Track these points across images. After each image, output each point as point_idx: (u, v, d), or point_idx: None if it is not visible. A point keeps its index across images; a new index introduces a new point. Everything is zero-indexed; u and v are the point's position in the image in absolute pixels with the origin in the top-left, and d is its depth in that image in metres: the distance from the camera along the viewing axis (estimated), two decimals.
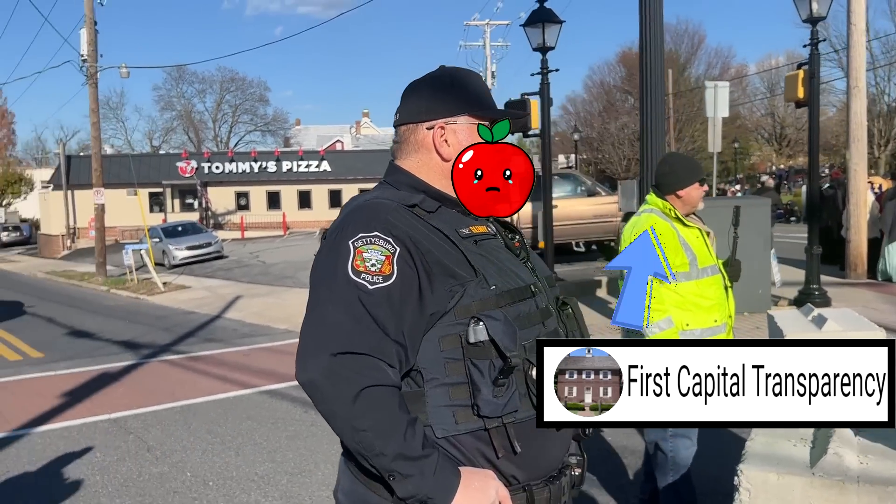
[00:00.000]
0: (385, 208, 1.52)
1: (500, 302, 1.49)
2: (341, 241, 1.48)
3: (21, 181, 42.21)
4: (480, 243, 1.55)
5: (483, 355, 1.45)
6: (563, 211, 14.33)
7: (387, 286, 1.42)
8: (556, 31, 9.44)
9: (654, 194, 3.55)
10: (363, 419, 1.36)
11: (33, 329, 12.55)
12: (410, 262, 1.46)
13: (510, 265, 1.57)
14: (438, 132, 1.62)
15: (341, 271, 1.44)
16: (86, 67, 20.87)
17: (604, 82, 48.59)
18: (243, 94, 60.80)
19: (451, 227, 1.54)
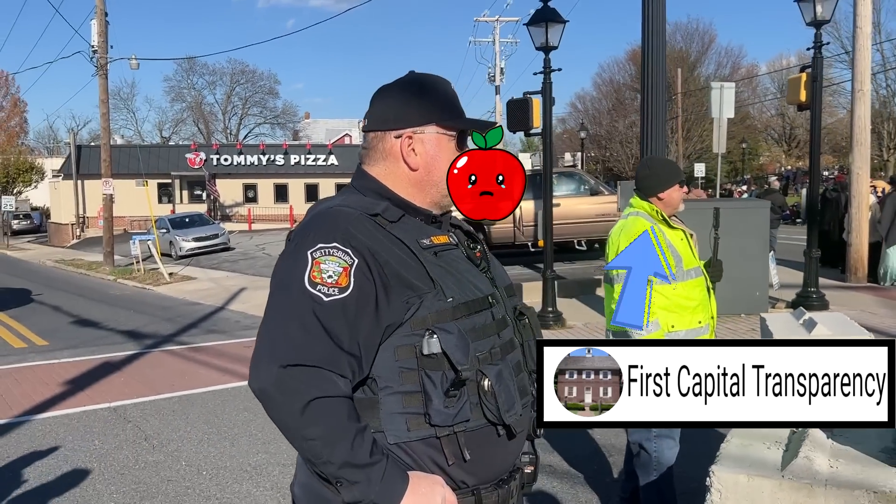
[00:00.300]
0: (347, 218, 1.56)
1: (456, 314, 1.53)
2: (301, 249, 1.52)
3: (32, 170, 42.54)
4: (440, 254, 1.59)
5: (436, 366, 1.49)
6: (566, 209, 14.35)
7: (342, 298, 1.46)
8: (559, 30, 9.47)
9: (637, 197, 3.62)
10: (311, 429, 1.42)
11: (40, 317, 12.71)
12: (368, 274, 1.49)
13: (469, 276, 1.61)
14: (406, 142, 1.65)
15: (298, 281, 1.48)
16: (96, 58, 21.02)
17: (613, 80, 48.52)
18: (253, 86, 60.96)
19: (413, 237, 1.57)
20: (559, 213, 13.81)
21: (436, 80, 1.72)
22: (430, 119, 1.66)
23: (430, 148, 1.66)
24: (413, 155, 1.65)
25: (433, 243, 1.60)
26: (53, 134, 66.07)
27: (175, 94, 60.62)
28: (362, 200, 1.63)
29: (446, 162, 1.66)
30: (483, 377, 1.53)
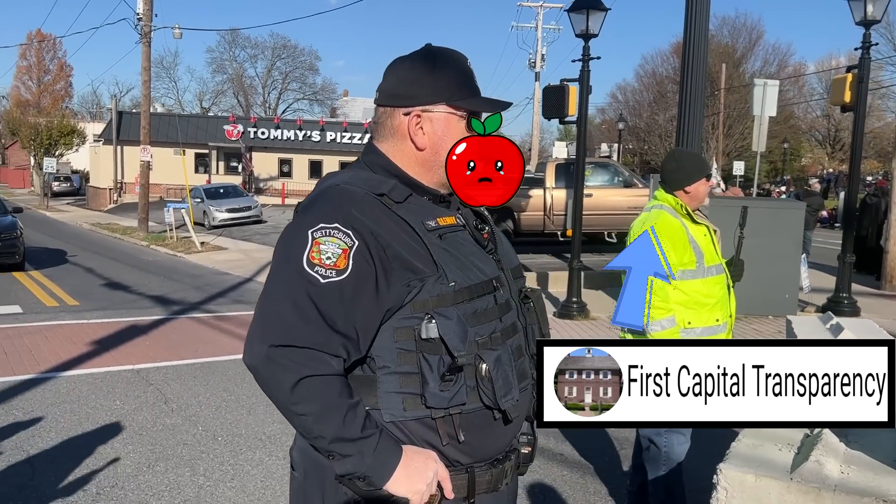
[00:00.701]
0: (351, 197, 1.55)
1: (458, 298, 1.52)
2: (302, 227, 1.52)
3: (74, 133, 43.29)
4: (445, 236, 1.57)
5: (434, 350, 1.50)
6: (598, 200, 14.23)
7: (339, 280, 1.46)
8: (600, 18, 9.33)
9: (662, 190, 3.56)
10: (301, 405, 1.45)
11: (73, 277, 12.99)
12: (368, 257, 1.49)
13: (474, 259, 1.59)
14: (414, 120, 1.61)
15: (296, 261, 1.48)
16: (140, 26, 21.27)
17: (656, 72, 47.82)
18: (294, 61, 61.27)
19: (418, 218, 1.56)
20: (591, 204, 13.70)
21: (451, 54, 1.68)
22: (441, 97, 1.62)
23: (438, 128, 1.62)
24: (421, 134, 1.63)
25: (439, 225, 1.59)
26: (97, 99, 67.12)
27: (217, 66, 61.20)
28: (370, 178, 1.62)
29: (454, 143, 1.64)
30: (481, 362, 1.53)
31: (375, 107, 1.71)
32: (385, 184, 1.59)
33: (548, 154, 43.58)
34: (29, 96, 50.58)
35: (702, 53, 7.81)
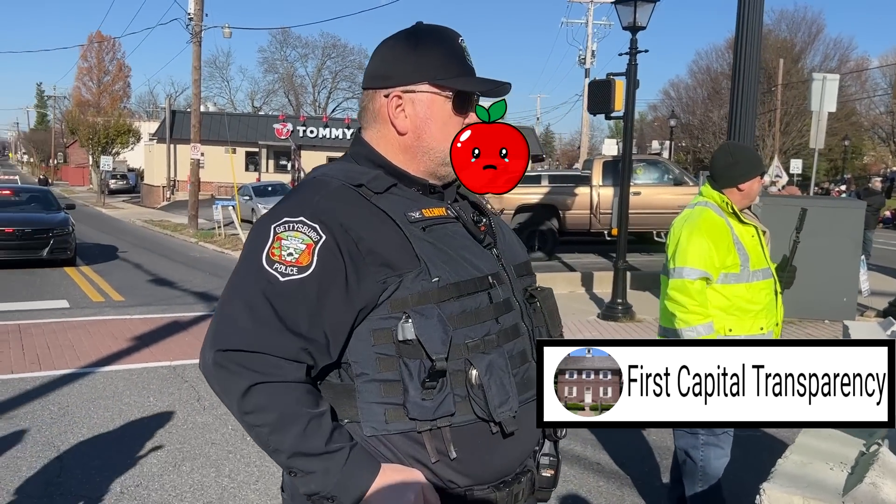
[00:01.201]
0: (323, 188, 1.43)
1: (443, 296, 1.37)
2: (267, 222, 1.40)
3: (130, 132, 44.42)
4: (430, 229, 1.43)
5: (413, 354, 1.35)
6: (647, 199, 13.88)
7: (300, 278, 1.34)
8: (648, 9, 9.02)
9: (709, 186, 3.32)
10: (254, 415, 1.32)
11: (121, 273, 13.22)
12: (336, 253, 1.36)
13: (465, 253, 1.45)
14: (395, 101, 1.48)
15: (255, 258, 1.37)
16: (191, 26, 21.62)
17: (710, 68, 46.66)
18: (344, 60, 61.82)
19: (400, 209, 1.43)
20: (639, 202, 13.36)
21: (438, 30, 1.52)
22: (424, 76, 1.46)
23: (420, 109, 1.48)
24: (402, 117, 1.48)
25: (423, 216, 1.44)
26: (153, 98, 68.85)
27: (268, 66, 62.16)
28: (352, 169, 1.49)
29: (439, 126, 1.48)
30: (470, 367, 1.37)
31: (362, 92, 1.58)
32: (365, 174, 1.46)
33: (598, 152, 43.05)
34: (89, 97, 51.96)
35: (755, 47, 7.46)
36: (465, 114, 1.49)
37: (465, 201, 1.58)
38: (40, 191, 16.49)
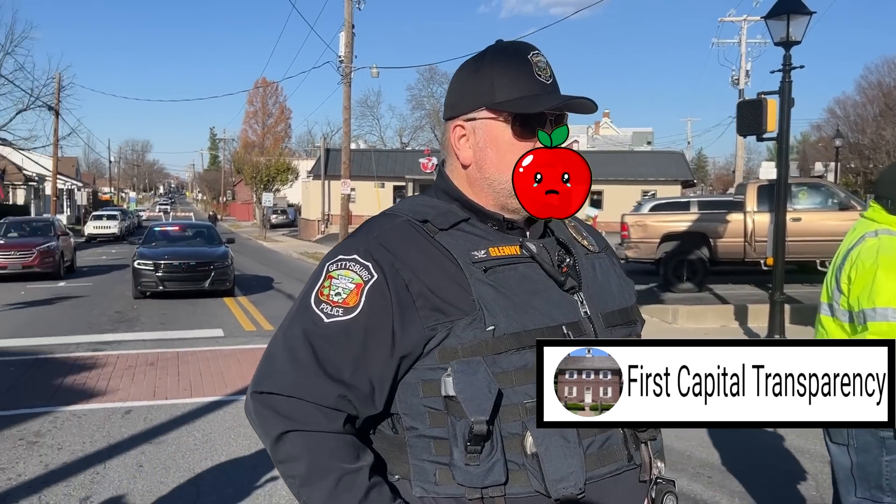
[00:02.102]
0: (384, 224, 1.34)
1: (499, 347, 1.22)
2: (325, 259, 1.34)
3: (288, 170, 47.46)
4: (495, 269, 1.28)
5: (459, 413, 1.20)
6: (808, 225, 12.83)
7: (345, 320, 1.24)
8: (803, 23, 8.35)
9: (882, 210, 2.82)
10: (286, 465, 1.25)
11: (274, 303, 13.89)
12: (386, 294, 1.25)
13: (536, 299, 1.28)
14: (458, 131, 1.37)
15: (306, 296, 1.30)
16: (341, 68, 22.76)
17: (882, 83, 42.90)
18: None
19: (465, 248, 1.29)
20: (798, 229, 12.36)
21: (507, 48, 1.37)
22: (482, 101, 1.33)
23: (480, 138, 1.35)
24: (465, 147, 1.36)
25: (488, 256, 1.29)
26: (311, 138, 73.12)
27: (415, 103, 64.34)
28: (426, 203, 1.38)
29: (500, 154, 1.33)
30: (526, 432, 1.20)
31: None
32: (435, 209, 1.34)
33: (754, 175, 40.63)
34: (255, 138, 56.07)
35: None
36: (530, 138, 1.32)
37: (551, 238, 1.41)
38: (205, 226, 17.79)
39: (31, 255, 17.23)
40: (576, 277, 1.36)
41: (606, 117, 66.63)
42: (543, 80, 1.33)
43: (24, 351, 8.91)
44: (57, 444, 5.38)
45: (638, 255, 14.16)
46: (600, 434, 1.26)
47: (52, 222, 19.95)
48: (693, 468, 4.93)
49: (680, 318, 10.81)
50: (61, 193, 47.26)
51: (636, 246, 14.09)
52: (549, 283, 1.31)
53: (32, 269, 17.16)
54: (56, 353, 8.80)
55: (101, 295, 14.74)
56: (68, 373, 7.71)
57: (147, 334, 10.22)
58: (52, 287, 15.99)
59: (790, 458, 5.11)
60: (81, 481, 4.67)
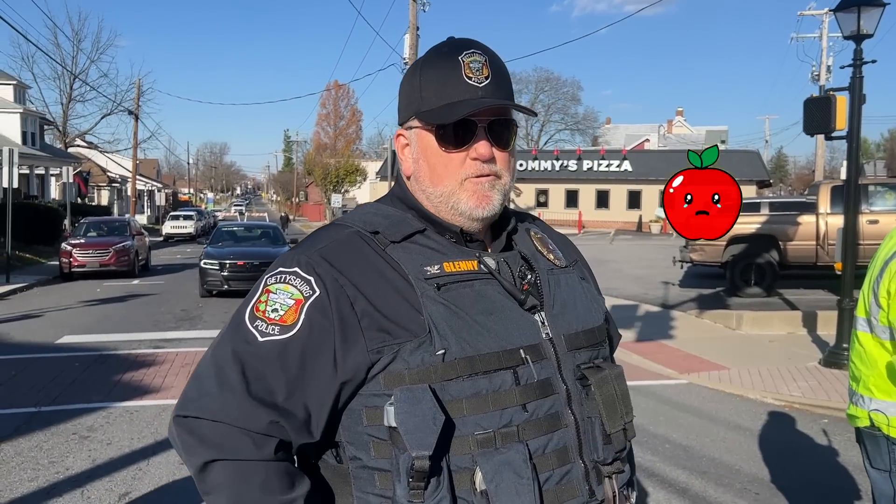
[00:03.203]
0: (332, 235, 1.26)
1: (449, 373, 1.12)
2: (264, 276, 1.25)
3: (357, 171, 48.10)
4: (448, 287, 1.18)
5: (402, 445, 1.09)
6: (888, 228, 12.10)
7: (281, 340, 1.15)
8: (875, 15, 7.86)
9: None
10: (212, 497, 1.15)
11: None
12: (328, 312, 1.15)
13: (491, 320, 1.18)
14: (401, 140, 1.31)
15: (241, 311, 1.21)
16: (405, 69, 22.88)
17: None
18: (556, 93, 62.24)
19: (417, 263, 1.20)
20: (875, 232, 11.72)
21: (441, 48, 1.27)
22: (413, 109, 1.27)
23: (415, 148, 1.28)
24: (407, 157, 1.30)
25: (443, 272, 1.19)
26: (381, 139, 73.94)
27: None
28: (379, 212, 1.30)
29: (430, 165, 1.26)
30: (476, 467, 1.10)
31: None
32: (388, 219, 1.26)
33: (837, 175, 38.88)
34: (327, 140, 56.99)
35: None
36: (456, 147, 1.23)
37: (514, 252, 1.31)
38: (270, 227, 18.18)
39: (108, 254, 17.97)
40: (537, 296, 1.25)
41: (680, 115, 64.98)
42: (475, 82, 1.22)
43: (91, 347, 9.28)
44: (106, 440, 5.56)
45: (703, 258, 13.70)
46: (559, 468, 1.16)
47: (128, 222, 20.75)
48: (741, 483, 4.70)
49: (744, 325, 10.41)
50: (142, 194, 49.30)
51: (702, 249, 13.62)
52: (509, 303, 1.21)
53: (109, 268, 17.89)
54: (119, 349, 9.13)
55: (170, 293, 15.25)
56: (127, 369, 7.98)
57: (208, 332, 10.48)
58: (126, 285, 16.65)
59: (845, 476, 4.82)
60: (124, 477, 4.80)
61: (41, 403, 6.55)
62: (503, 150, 1.25)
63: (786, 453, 5.38)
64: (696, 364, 8.22)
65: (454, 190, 1.24)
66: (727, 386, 7.31)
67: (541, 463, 1.14)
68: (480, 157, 1.22)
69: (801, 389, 7.06)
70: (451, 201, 1.24)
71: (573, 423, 1.19)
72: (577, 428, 1.19)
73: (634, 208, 39.89)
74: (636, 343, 9.35)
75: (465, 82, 1.22)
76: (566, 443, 1.17)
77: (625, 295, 13.41)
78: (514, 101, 1.29)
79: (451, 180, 1.24)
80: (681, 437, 5.66)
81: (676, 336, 9.86)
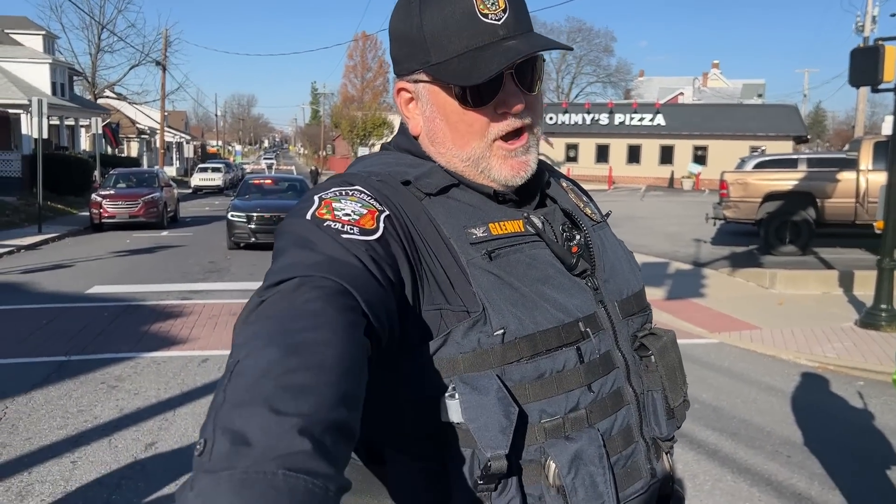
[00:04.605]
0: (370, 176, 1.05)
1: (509, 356, 0.94)
2: (304, 199, 1.00)
3: (384, 125, 47.80)
4: (499, 254, 1.00)
5: (465, 441, 0.92)
6: None
7: (364, 240, 0.91)
8: None
9: None
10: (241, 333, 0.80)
11: None
12: (397, 240, 0.94)
13: (547, 289, 1.00)
14: (404, 95, 1.10)
15: (294, 224, 0.95)
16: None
17: None
18: (589, 44, 60.86)
19: (459, 222, 1.01)
20: None
21: None
22: (418, 60, 1.04)
23: (427, 106, 1.07)
24: (414, 114, 1.10)
25: (489, 235, 1.01)
26: None
27: None
28: (401, 160, 1.10)
29: (451, 126, 1.05)
30: (548, 459, 0.94)
31: None
32: (416, 168, 1.06)
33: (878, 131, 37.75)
34: (354, 92, 56.59)
35: None
36: (483, 104, 1.02)
37: (553, 207, 1.14)
38: (296, 179, 18.13)
39: (137, 205, 18.10)
40: (588, 258, 1.10)
41: (715, 68, 63.25)
42: (493, 18, 1.00)
43: (120, 297, 9.36)
44: (134, 390, 5.60)
45: (737, 215, 13.39)
46: (624, 450, 1.03)
47: (156, 174, 20.86)
48: (772, 446, 4.60)
49: (778, 284, 10.18)
50: (171, 146, 49.56)
51: (735, 205, 13.31)
52: (558, 267, 1.04)
53: (138, 219, 18.05)
54: (148, 300, 9.20)
55: (198, 245, 15.34)
56: (155, 320, 8.04)
57: (235, 284, 10.52)
58: (155, 236, 16.79)
59: (880, 440, 4.69)
60: (150, 427, 4.82)
61: (71, 352, 6.62)
62: (532, 94, 1.05)
63: (819, 416, 5.25)
64: (728, 323, 8.06)
65: (483, 153, 1.04)
66: (759, 346, 7.16)
67: (609, 447, 1.01)
68: (512, 112, 1.03)
69: (836, 350, 6.88)
70: (480, 166, 1.05)
71: (633, 399, 1.06)
72: (638, 404, 1.07)
73: (666, 164, 39.19)
74: (666, 301, 9.20)
75: (481, 21, 0.99)
76: (629, 421, 1.05)
77: (655, 252, 13.19)
78: (532, 28, 1.07)
79: (478, 142, 1.04)
80: (710, 398, 5.55)
81: (707, 294, 9.67)
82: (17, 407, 5.18)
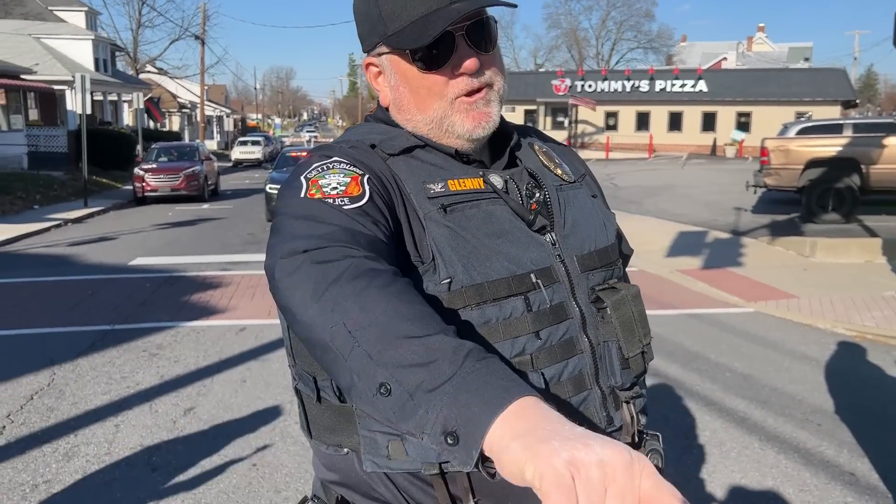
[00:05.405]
0: (332, 147, 1.16)
1: (456, 303, 1.02)
2: (293, 178, 1.10)
3: None
4: (454, 208, 1.08)
5: None
6: None
7: (356, 206, 1.00)
8: None
9: None
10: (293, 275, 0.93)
11: None
12: (381, 197, 1.05)
13: (501, 242, 1.08)
14: (372, 70, 1.19)
15: (290, 204, 1.04)
16: None
17: None
18: (629, 9, 59.68)
19: (418, 178, 1.10)
20: None
21: None
22: (378, 33, 1.13)
23: (391, 76, 1.16)
24: (383, 86, 1.19)
25: (448, 190, 1.09)
26: None
27: (552, 21, 62.70)
28: (372, 129, 1.20)
29: (413, 91, 1.13)
30: None
31: None
32: (384, 133, 1.17)
33: None
34: None
35: None
36: (438, 66, 1.10)
37: (519, 168, 1.21)
38: None
39: (178, 179, 18.46)
40: (546, 215, 1.16)
41: (761, 31, 61.42)
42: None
43: (161, 269, 9.62)
44: (174, 357, 5.79)
45: (778, 182, 13.11)
46: (575, 396, 1.09)
47: (196, 147, 21.17)
48: (802, 414, 4.57)
49: (818, 252, 9.98)
50: (211, 120, 50.18)
51: (776, 173, 13.03)
52: (518, 223, 1.12)
53: (180, 192, 18.41)
54: (188, 271, 9.44)
55: (238, 217, 15.61)
56: (195, 290, 8.25)
57: None
58: (196, 209, 17.12)
59: None
60: (189, 393, 5.00)
61: (115, 322, 6.85)
62: (488, 53, 1.12)
63: (853, 385, 5.19)
64: (765, 292, 7.95)
65: (446, 112, 1.12)
66: (796, 315, 7.06)
67: (556, 391, 1.07)
68: (467, 71, 1.09)
69: (876, 319, 6.75)
70: (444, 125, 1.13)
71: (588, 349, 1.12)
72: (593, 353, 1.12)
73: (709, 131, 38.39)
74: (701, 270, 9.10)
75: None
76: (581, 369, 1.10)
77: (693, 221, 13.02)
78: None
79: (439, 102, 1.12)
80: (743, 366, 5.52)
81: (745, 263, 9.54)
82: (63, 373, 5.41)
